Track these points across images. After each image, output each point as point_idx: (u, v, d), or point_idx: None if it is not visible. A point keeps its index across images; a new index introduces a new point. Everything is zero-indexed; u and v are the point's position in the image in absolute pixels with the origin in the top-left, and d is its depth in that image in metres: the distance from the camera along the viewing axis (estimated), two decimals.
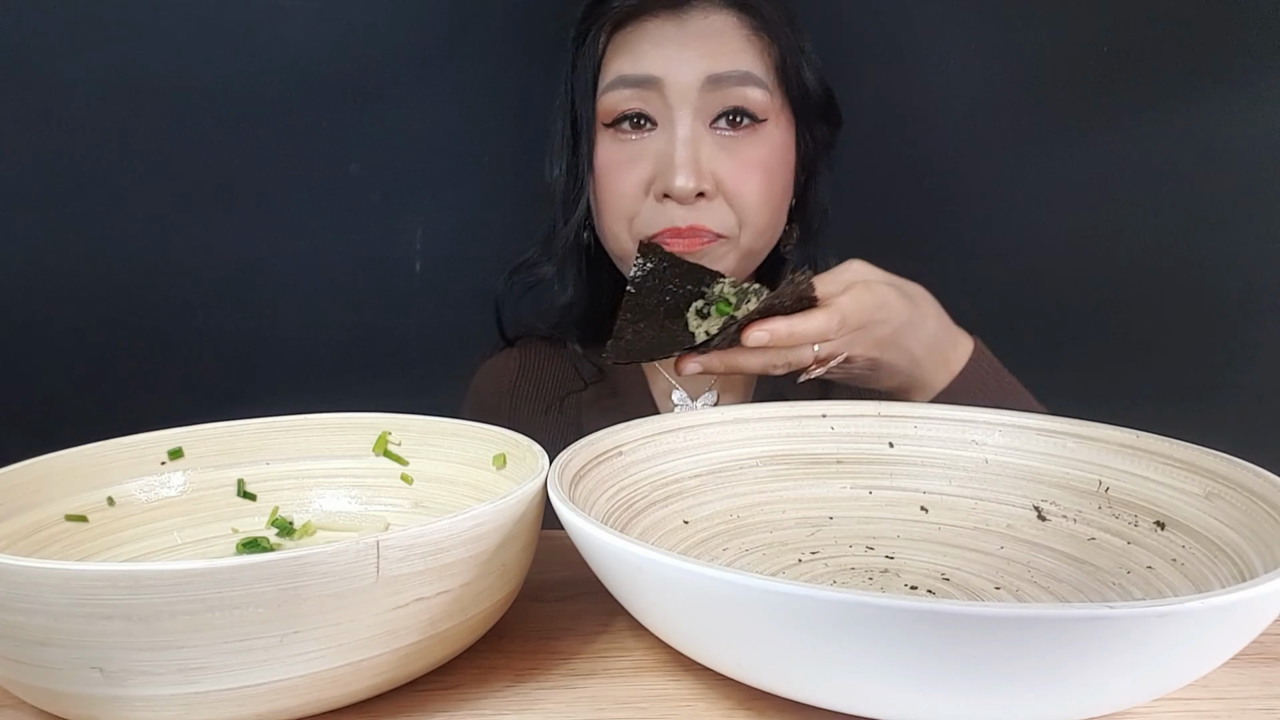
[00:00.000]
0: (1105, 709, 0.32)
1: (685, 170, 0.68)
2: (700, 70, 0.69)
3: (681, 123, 0.70)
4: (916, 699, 0.30)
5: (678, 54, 0.70)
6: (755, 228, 0.73)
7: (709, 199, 0.70)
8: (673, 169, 0.69)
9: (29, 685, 0.33)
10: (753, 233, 0.73)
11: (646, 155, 0.71)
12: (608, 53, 0.73)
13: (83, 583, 0.30)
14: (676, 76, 0.69)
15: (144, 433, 0.49)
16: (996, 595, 0.44)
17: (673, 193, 0.69)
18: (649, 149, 0.71)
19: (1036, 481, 0.50)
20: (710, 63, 0.70)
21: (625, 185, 0.72)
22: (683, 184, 0.68)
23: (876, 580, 0.46)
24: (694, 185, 0.68)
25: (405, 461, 0.51)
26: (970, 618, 0.28)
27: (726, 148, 0.71)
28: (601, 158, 0.73)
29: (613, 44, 0.73)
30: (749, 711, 0.36)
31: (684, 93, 0.70)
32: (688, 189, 0.68)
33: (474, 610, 0.37)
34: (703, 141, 0.70)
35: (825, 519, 0.51)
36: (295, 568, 0.30)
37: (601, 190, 0.74)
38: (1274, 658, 0.40)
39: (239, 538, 0.48)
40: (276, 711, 0.33)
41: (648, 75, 0.70)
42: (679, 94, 0.70)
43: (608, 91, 0.72)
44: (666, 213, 0.70)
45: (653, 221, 0.71)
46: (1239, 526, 0.40)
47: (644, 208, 0.72)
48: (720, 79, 0.70)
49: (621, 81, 0.71)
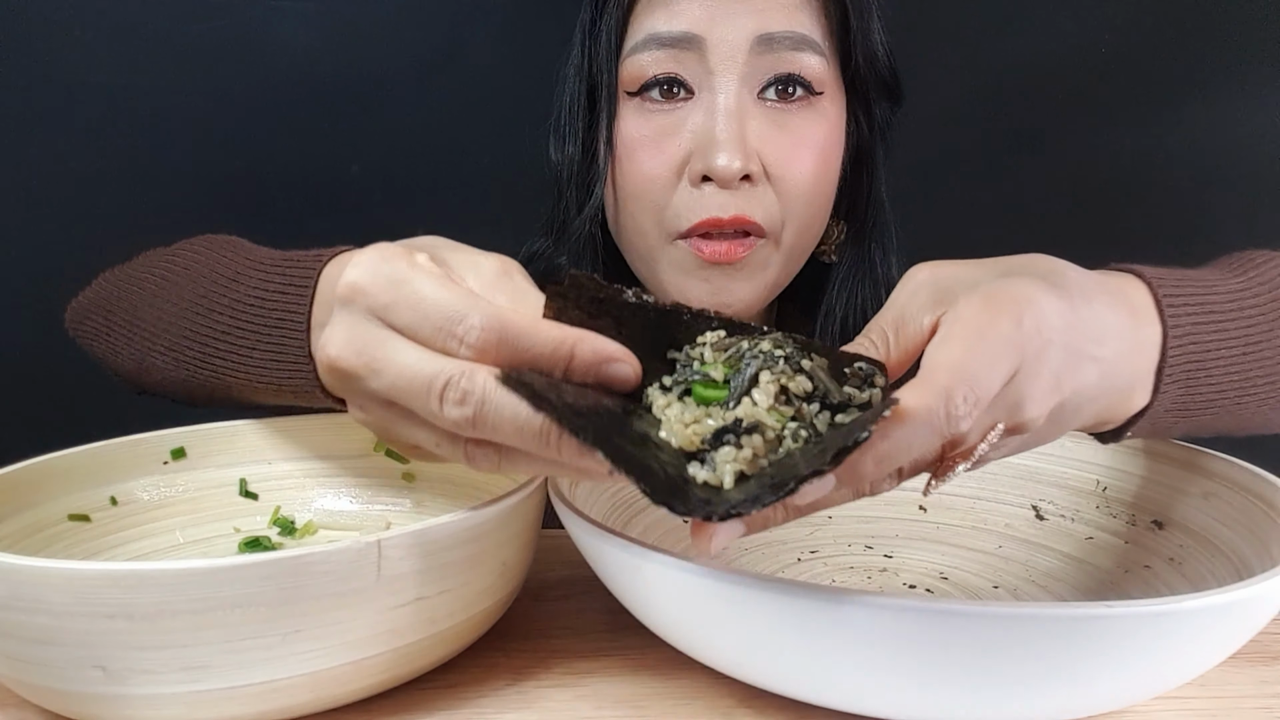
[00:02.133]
0: (1103, 707, 0.32)
1: (730, 146, 0.57)
2: (749, 28, 0.58)
3: (725, 90, 0.58)
4: (915, 697, 0.31)
5: (722, 8, 0.58)
6: (801, 222, 0.61)
7: (754, 184, 0.59)
8: (714, 145, 0.57)
9: (32, 684, 0.33)
10: (797, 228, 0.61)
11: (680, 130, 0.60)
12: (636, 7, 0.61)
13: (85, 582, 0.30)
14: (721, 35, 0.58)
15: (146, 432, 0.49)
16: (995, 594, 0.44)
17: (714, 174, 0.57)
18: (683, 122, 0.60)
19: (1035, 481, 0.50)
20: (761, 20, 0.58)
21: (654, 166, 0.60)
22: (726, 163, 0.56)
23: (875, 579, 0.46)
24: (740, 165, 0.57)
25: (406, 461, 0.52)
26: (969, 617, 0.28)
27: (776, 122, 0.60)
28: (625, 132, 0.61)
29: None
30: (748, 709, 0.36)
31: (729, 55, 0.58)
32: (732, 169, 0.57)
33: (475, 609, 0.37)
34: (749, 114, 0.59)
35: (824, 518, 0.51)
36: (297, 567, 0.31)
37: (625, 173, 0.62)
38: (1271, 656, 0.40)
39: (241, 537, 0.49)
40: (278, 709, 0.33)
41: (686, 33, 0.58)
42: (723, 56, 0.58)
43: (635, 53, 0.60)
44: (704, 200, 0.58)
45: (688, 211, 0.59)
46: (1236, 526, 0.40)
47: (675, 196, 0.60)
48: (772, 40, 0.58)
49: (653, 40, 0.59)
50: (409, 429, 0.34)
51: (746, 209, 0.58)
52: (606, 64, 0.62)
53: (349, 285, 0.35)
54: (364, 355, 0.34)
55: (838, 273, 0.69)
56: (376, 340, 0.34)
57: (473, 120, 0.94)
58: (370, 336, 0.34)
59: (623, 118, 0.62)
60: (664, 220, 0.61)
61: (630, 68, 0.61)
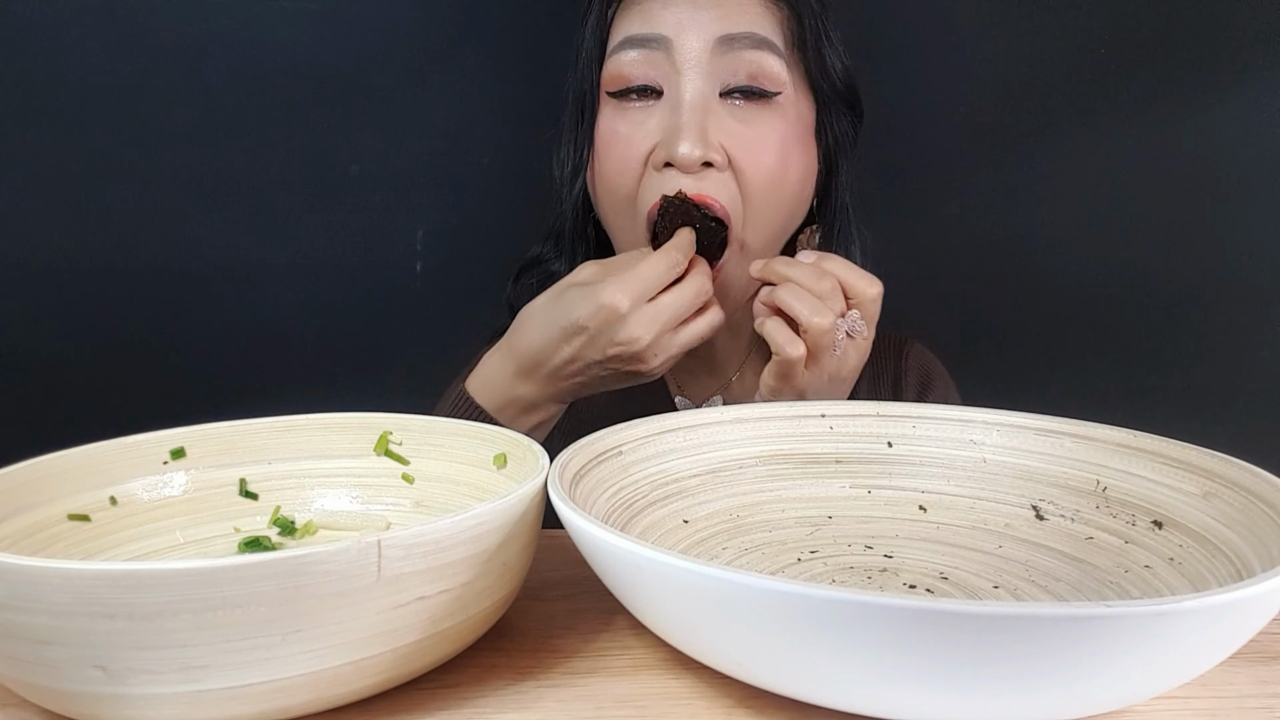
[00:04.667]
0: (1103, 707, 0.32)
1: (690, 135, 0.63)
2: (712, 31, 0.65)
3: (690, 87, 0.65)
4: (914, 697, 0.31)
5: (689, 15, 0.65)
6: (762, 217, 0.67)
7: (718, 170, 0.65)
8: (677, 134, 0.63)
9: (32, 684, 0.33)
10: (758, 224, 0.67)
11: (648, 124, 0.66)
12: (618, 16, 0.68)
13: (85, 582, 0.30)
14: (687, 37, 0.65)
15: (146, 432, 0.49)
16: (995, 594, 0.44)
17: (675, 160, 0.63)
18: (651, 118, 0.66)
19: (1034, 481, 0.50)
20: (723, 24, 0.65)
21: (624, 158, 0.67)
22: (687, 151, 0.63)
23: (875, 579, 0.46)
24: (700, 153, 0.63)
25: (406, 461, 0.52)
26: (968, 616, 0.28)
27: (739, 118, 0.66)
28: (603, 130, 0.68)
29: (624, 6, 0.68)
30: (748, 709, 0.36)
31: (693, 55, 0.65)
32: (693, 156, 0.63)
33: (475, 609, 0.37)
34: (712, 110, 0.65)
35: (824, 518, 0.51)
36: (297, 567, 0.31)
37: (600, 164, 0.69)
38: (1271, 656, 0.40)
39: (241, 537, 0.49)
40: (278, 709, 0.33)
41: (656, 34, 0.65)
42: (687, 56, 0.65)
43: (614, 54, 0.67)
44: (666, 181, 0.65)
45: (650, 194, 0.66)
46: (1236, 526, 0.40)
47: (644, 185, 0.66)
48: (733, 40, 0.65)
49: (628, 43, 0.66)
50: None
51: (710, 190, 0.64)
52: (591, 66, 0.69)
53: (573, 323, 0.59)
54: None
55: None
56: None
57: (473, 120, 0.94)
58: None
59: (602, 116, 0.69)
60: (635, 209, 0.67)
61: (610, 68, 0.67)
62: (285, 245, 0.93)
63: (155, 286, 0.92)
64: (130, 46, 0.87)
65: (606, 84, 0.68)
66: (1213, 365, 1.02)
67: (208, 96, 0.89)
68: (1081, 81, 0.96)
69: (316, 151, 0.92)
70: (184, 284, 0.92)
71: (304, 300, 0.95)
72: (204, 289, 0.93)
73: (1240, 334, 1.01)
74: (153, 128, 0.89)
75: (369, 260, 0.95)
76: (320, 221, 0.94)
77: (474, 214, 0.96)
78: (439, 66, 0.93)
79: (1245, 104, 0.96)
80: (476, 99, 0.94)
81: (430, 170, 0.95)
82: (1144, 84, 0.96)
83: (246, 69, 0.90)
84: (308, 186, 0.93)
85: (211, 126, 0.90)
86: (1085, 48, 0.96)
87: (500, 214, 0.95)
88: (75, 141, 0.88)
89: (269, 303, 0.94)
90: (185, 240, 0.92)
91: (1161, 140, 0.97)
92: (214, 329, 0.93)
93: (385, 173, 0.94)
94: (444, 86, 0.93)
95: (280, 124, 0.91)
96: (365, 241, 0.95)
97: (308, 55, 0.90)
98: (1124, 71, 0.96)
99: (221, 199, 0.92)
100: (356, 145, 0.93)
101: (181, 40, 0.88)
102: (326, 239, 0.94)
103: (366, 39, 0.91)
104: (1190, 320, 1.01)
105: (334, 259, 0.94)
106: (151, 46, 0.88)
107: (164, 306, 0.92)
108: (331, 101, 0.91)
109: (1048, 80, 0.96)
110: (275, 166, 0.92)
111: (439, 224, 0.96)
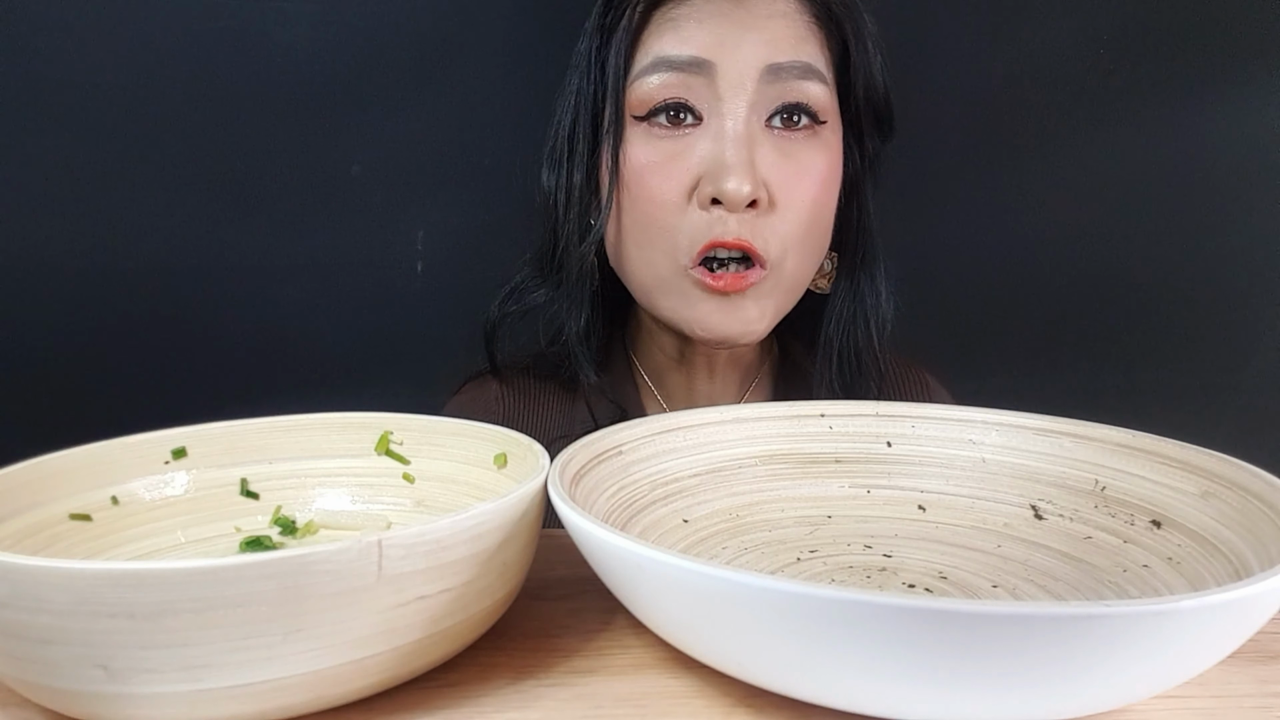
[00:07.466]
0: (1102, 706, 0.32)
1: (741, 171, 0.58)
2: (760, 57, 0.59)
3: (734, 115, 0.59)
4: (914, 696, 0.31)
5: (734, 36, 0.59)
6: (801, 253, 0.63)
7: (759, 212, 0.60)
8: (725, 169, 0.58)
9: (33, 683, 0.33)
10: (796, 260, 0.63)
11: (689, 155, 0.60)
12: (645, 32, 0.62)
13: (86, 581, 0.30)
14: (732, 62, 0.59)
15: (147, 432, 0.49)
16: (994, 593, 0.44)
17: (724, 197, 0.58)
18: (692, 148, 0.61)
19: (1034, 481, 0.50)
20: (770, 49, 0.60)
21: (663, 191, 0.61)
22: (736, 187, 0.58)
23: (874, 579, 0.46)
24: (750, 190, 0.58)
25: (407, 461, 0.52)
26: (967, 616, 0.28)
27: (782, 150, 0.61)
28: (634, 157, 0.62)
29: (652, 21, 0.62)
30: (748, 709, 0.36)
31: (739, 81, 0.59)
32: (742, 193, 0.58)
33: (475, 608, 0.37)
34: (757, 141, 0.60)
35: (824, 518, 0.52)
36: (298, 566, 0.31)
37: (633, 199, 0.62)
38: (1270, 655, 0.40)
39: (242, 536, 0.49)
40: (279, 708, 0.33)
41: (696, 58, 0.59)
42: (733, 82, 0.59)
43: (643, 76, 0.61)
44: (713, 223, 0.60)
45: (697, 234, 0.60)
46: (1235, 525, 0.40)
47: (685, 219, 0.61)
48: (780, 70, 0.60)
49: (663, 64, 0.60)
50: None
51: (750, 236, 0.60)
52: (614, 88, 0.62)
53: None
54: None
55: (833, 304, 0.70)
56: None
57: (473, 120, 0.94)
58: None
59: (629, 142, 0.62)
60: (674, 246, 0.61)
61: (638, 91, 0.61)
62: (285, 245, 0.94)
63: (156, 286, 0.92)
64: (131, 47, 0.87)
65: (634, 107, 0.62)
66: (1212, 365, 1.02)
67: (208, 97, 0.89)
68: (1081, 82, 0.96)
69: (317, 152, 0.92)
70: (185, 284, 0.92)
71: (304, 300, 0.95)
72: (205, 289, 0.93)
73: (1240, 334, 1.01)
74: (153, 128, 0.89)
75: (369, 260, 0.95)
76: (321, 222, 0.94)
77: (474, 214, 0.96)
78: (440, 67, 0.93)
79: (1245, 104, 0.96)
80: (477, 99, 0.94)
81: (431, 170, 0.95)
82: (1144, 84, 0.96)
83: (247, 69, 0.90)
84: (308, 187, 0.93)
85: (212, 127, 0.90)
86: (1085, 48, 0.96)
87: (500, 214, 0.95)
88: (76, 141, 0.88)
89: (270, 302, 0.94)
90: (186, 240, 0.92)
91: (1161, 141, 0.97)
92: (215, 329, 0.94)
93: (385, 173, 0.94)
94: (445, 87, 0.93)
95: (281, 124, 0.91)
96: (365, 241, 0.95)
97: (309, 56, 0.91)
98: (1124, 72, 0.96)
99: (222, 199, 0.92)
100: (357, 145, 0.93)
101: (182, 41, 0.88)
102: (327, 239, 0.94)
103: (367, 39, 0.91)
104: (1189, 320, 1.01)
105: (334, 259, 0.94)
106: (152, 47, 0.88)
107: (165, 306, 0.92)
108: (332, 102, 0.92)
109: (1048, 80, 0.96)
110: (276, 167, 0.92)
111: (439, 224, 0.96)
